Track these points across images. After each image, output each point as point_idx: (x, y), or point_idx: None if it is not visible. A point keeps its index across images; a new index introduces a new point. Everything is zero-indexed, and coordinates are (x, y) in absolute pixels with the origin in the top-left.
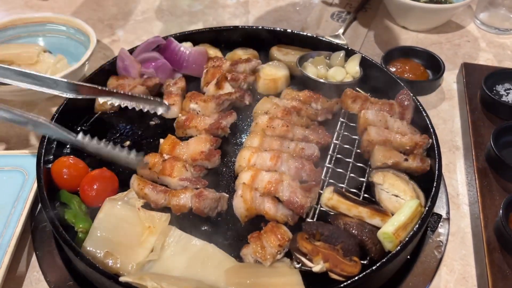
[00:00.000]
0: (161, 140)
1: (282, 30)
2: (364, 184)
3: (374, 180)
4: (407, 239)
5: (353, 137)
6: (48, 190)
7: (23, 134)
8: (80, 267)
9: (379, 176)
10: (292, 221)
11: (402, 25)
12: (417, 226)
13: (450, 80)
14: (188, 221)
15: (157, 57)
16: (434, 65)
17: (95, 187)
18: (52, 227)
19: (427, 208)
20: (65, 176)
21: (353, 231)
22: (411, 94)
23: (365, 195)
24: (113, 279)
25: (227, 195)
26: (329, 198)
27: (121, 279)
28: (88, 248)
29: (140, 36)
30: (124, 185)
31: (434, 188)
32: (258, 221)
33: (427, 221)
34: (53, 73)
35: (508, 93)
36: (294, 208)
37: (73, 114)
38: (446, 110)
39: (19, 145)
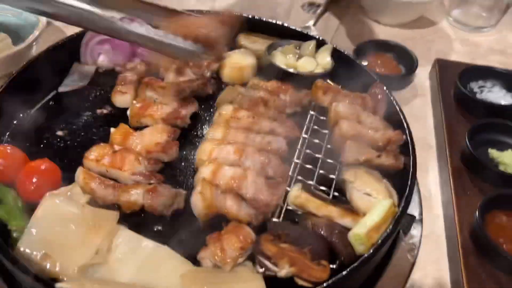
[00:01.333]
0: (112, 130)
1: (250, 16)
2: (335, 181)
3: (345, 178)
4: (380, 241)
5: (323, 131)
6: None
7: None
8: (12, 270)
9: (351, 173)
10: (256, 221)
11: (375, 18)
12: (390, 227)
13: (423, 76)
14: (139, 220)
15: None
16: (407, 60)
17: (34, 180)
18: None
19: (401, 208)
20: (0, 167)
21: (322, 233)
22: (385, 88)
23: (335, 193)
24: (47, 285)
25: (185, 192)
26: (297, 196)
27: (57, 285)
28: (22, 249)
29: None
30: (68, 179)
31: (408, 187)
32: (218, 221)
33: (401, 222)
34: None
35: (482, 91)
36: (259, 207)
37: (15, 98)
38: (419, 107)
39: None
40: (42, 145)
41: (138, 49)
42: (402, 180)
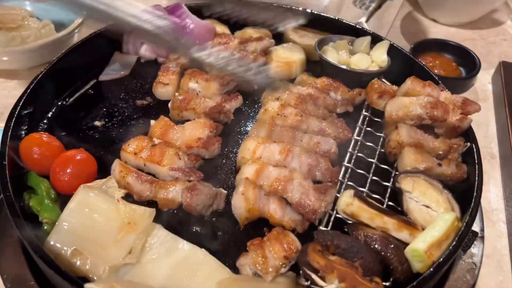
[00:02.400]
0: (152, 122)
1: (300, 9)
2: (389, 190)
3: (402, 187)
4: (441, 259)
5: (378, 134)
6: (15, 170)
7: None
8: (40, 266)
9: (408, 182)
10: (301, 228)
11: (432, 17)
12: (453, 244)
13: (485, 80)
14: (176, 219)
15: None
16: (468, 62)
17: (68, 170)
18: (10, 214)
19: (465, 223)
20: (35, 156)
21: (376, 246)
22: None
23: (390, 203)
24: (76, 285)
25: (225, 192)
26: (349, 203)
27: (87, 286)
28: (51, 243)
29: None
30: (104, 172)
31: (474, 200)
32: (260, 225)
33: (465, 239)
34: (37, 39)
35: None
36: (305, 213)
37: (54, 85)
38: (480, 113)
39: None
40: (78, 135)
41: (182, 40)
42: (464, 192)
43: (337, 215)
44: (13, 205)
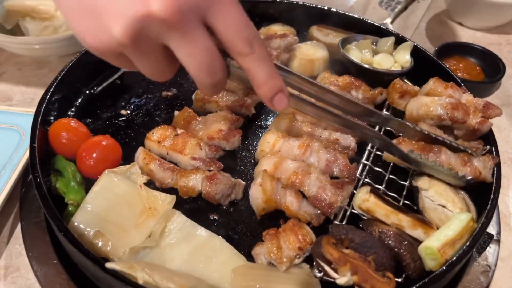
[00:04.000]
0: (176, 112)
1: (325, 8)
2: (406, 189)
3: (418, 185)
4: (454, 258)
5: (397, 135)
6: (43, 154)
7: (28, 91)
8: (64, 244)
9: (425, 180)
10: (317, 222)
11: (459, 20)
12: (467, 244)
13: (509, 85)
14: (195, 207)
15: None
16: (493, 67)
17: (94, 155)
18: (38, 194)
19: (480, 224)
20: (63, 140)
21: (390, 242)
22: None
23: (406, 201)
24: (98, 263)
25: (244, 183)
26: (365, 199)
27: (108, 265)
28: (75, 224)
29: None
30: (128, 158)
31: (490, 202)
32: (276, 217)
33: (480, 240)
34: (69, 29)
35: None
36: (321, 207)
37: (83, 74)
38: (502, 118)
39: (22, 103)
40: (105, 122)
41: None
42: (481, 194)
43: (353, 211)
44: (40, 185)
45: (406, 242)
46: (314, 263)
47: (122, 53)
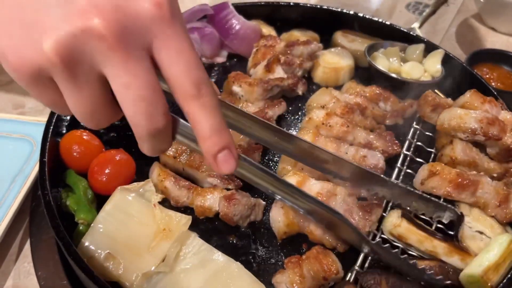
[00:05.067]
0: None
1: (350, 12)
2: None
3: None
4: (501, 284)
5: (428, 149)
6: (55, 167)
7: None
8: (73, 267)
9: (465, 207)
10: (342, 248)
11: (491, 25)
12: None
13: None
14: (212, 227)
15: (202, 27)
16: None
17: (106, 171)
18: (47, 214)
19: None
20: (74, 153)
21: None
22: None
23: (439, 225)
24: None
25: (264, 203)
26: (396, 224)
27: None
28: (86, 245)
29: (186, 4)
30: (142, 172)
31: None
32: (298, 241)
33: None
34: None
35: None
36: None
37: None
38: None
39: (34, 110)
40: (118, 134)
41: (226, 41)
42: None
43: (383, 236)
44: (50, 204)
45: (451, 271)
46: None
47: (48, 79)
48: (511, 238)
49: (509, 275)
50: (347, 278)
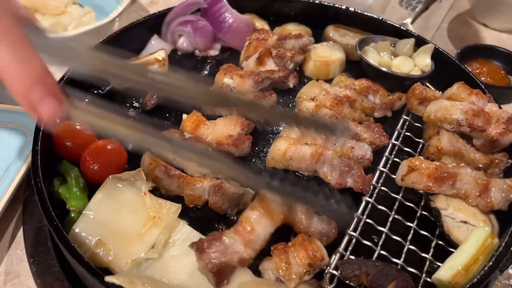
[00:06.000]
0: (184, 116)
1: (342, 7)
2: (424, 199)
3: (437, 206)
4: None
5: (417, 140)
6: (49, 156)
7: None
8: (64, 253)
9: (442, 199)
10: (326, 242)
11: (483, 21)
12: (486, 268)
13: None
14: (201, 215)
15: (196, 20)
16: None
17: (98, 160)
18: (39, 201)
19: (504, 243)
20: (67, 143)
21: None
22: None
23: (424, 212)
24: (97, 277)
25: (253, 192)
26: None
27: (107, 279)
28: (77, 232)
29: None
30: (133, 162)
31: None
32: (286, 230)
33: (502, 261)
34: (78, 26)
35: None
36: (332, 223)
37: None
38: None
39: None
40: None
41: (219, 34)
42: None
43: (367, 221)
44: (42, 192)
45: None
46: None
47: None
48: (488, 233)
49: (476, 278)
50: (331, 261)
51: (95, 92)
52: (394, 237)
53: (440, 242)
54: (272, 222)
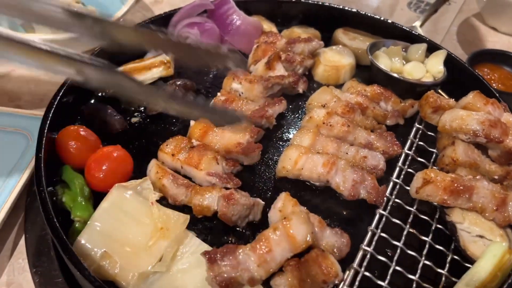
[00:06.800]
0: (192, 122)
1: (352, 10)
2: (438, 211)
3: (453, 220)
4: None
5: (430, 149)
6: (50, 162)
7: (37, 91)
8: (69, 265)
9: (458, 213)
10: (340, 254)
11: (492, 25)
12: (505, 286)
13: None
14: (210, 226)
15: (203, 22)
16: None
17: (103, 167)
18: (42, 211)
19: None
20: (71, 149)
21: None
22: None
23: (438, 225)
24: None
25: (263, 203)
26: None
27: None
28: (82, 243)
29: None
30: (139, 169)
31: None
32: None
33: None
34: None
35: None
36: (345, 237)
37: None
38: None
39: (31, 104)
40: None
41: (226, 36)
42: None
43: (381, 235)
44: (45, 201)
45: None
46: None
47: None
48: (505, 249)
49: None
50: (345, 277)
51: (98, 95)
52: (409, 251)
53: (456, 257)
54: (291, 248)
